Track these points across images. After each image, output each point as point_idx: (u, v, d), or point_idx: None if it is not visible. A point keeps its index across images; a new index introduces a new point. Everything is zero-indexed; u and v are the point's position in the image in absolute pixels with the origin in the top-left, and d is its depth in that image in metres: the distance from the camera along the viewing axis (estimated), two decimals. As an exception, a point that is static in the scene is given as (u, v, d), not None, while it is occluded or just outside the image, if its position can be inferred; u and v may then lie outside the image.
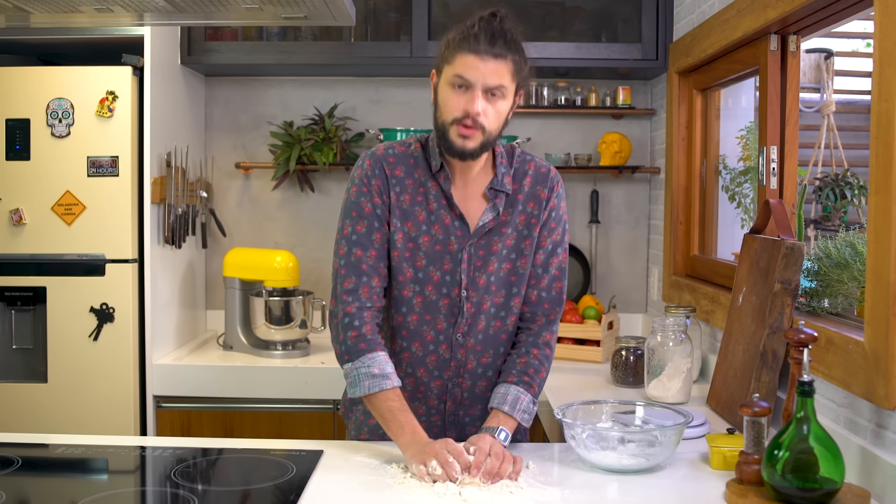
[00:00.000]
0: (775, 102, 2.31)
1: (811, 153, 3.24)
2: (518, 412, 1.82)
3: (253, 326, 3.14)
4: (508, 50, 1.74)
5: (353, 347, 1.79)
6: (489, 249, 1.86)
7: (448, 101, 1.76)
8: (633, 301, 3.49)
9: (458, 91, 1.74)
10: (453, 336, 1.88)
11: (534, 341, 1.90)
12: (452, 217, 1.85)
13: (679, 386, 2.35)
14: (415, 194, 1.85)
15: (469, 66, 1.72)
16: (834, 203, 2.92)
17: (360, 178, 1.85)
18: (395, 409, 1.75)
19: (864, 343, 1.63)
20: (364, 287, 1.81)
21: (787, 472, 1.48)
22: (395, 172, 1.85)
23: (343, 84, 3.45)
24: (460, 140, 1.76)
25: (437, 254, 1.85)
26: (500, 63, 1.73)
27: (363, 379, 1.76)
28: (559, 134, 3.45)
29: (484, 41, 1.72)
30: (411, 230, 1.84)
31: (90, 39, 2.89)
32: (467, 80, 1.72)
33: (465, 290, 1.85)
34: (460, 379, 1.91)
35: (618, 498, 1.62)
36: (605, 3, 3.18)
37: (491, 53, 1.72)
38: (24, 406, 2.87)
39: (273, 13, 1.94)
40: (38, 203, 2.85)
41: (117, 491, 1.64)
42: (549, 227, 1.91)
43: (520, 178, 1.90)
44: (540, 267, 1.91)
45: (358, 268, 1.82)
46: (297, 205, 3.49)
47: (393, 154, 1.87)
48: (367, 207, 1.83)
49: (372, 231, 1.83)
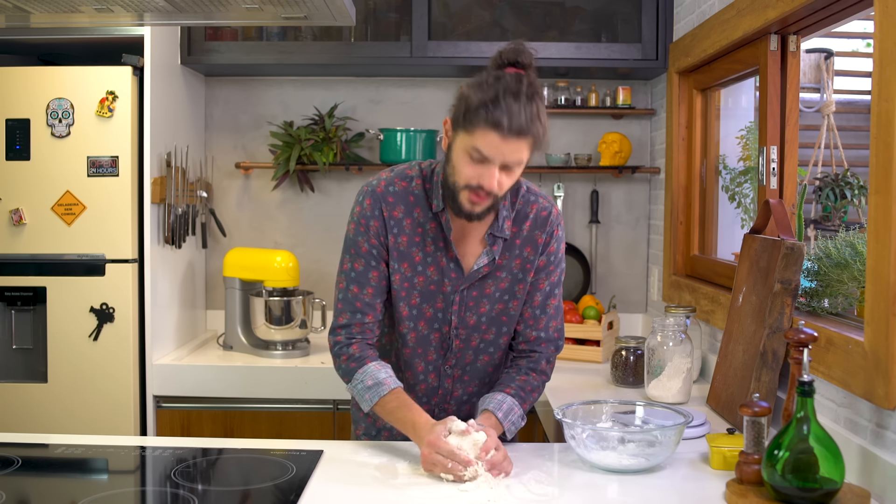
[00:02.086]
0: (775, 102, 2.31)
1: (811, 153, 3.24)
2: (507, 422, 1.83)
3: (253, 326, 3.14)
4: (531, 123, 1.67)
5: (347, 369, 1.85)
6: (482, 291, 1.88)
7: (463, 169, 1.72)
8: (633, 301, 3.49)
9: (475, 161, 1.70)
10: (442, 367, 1.93)
11: (534, 367, 1.94)
12: (448, 259, 1.85)
13: (679, 386, 2.34)
14: (412, 234, 1.85)
15: (490, 145, 1.66)
16: (834, 203, 2.92)
17: (359, 216, 1.85)
18: (394, 408, 1.78)
19: (864, 343, 1.63)
20: (357, 324, 1.86)
21: (787, 472, 1.48)
22: (394, 213, 1.84)
23: (343, 84, 3.45)
24: (469, 205, 1.74)
25: (431, 293, 1.87)
26: (522, 141, 1.67)
27: (363, 394, 1.81)
28: (559, 134, 3.45)
29: (507, 118, 1.64)
30: (407, 271, 1.86)
31: (90, 39, 2.89)
32: (486, 156, 1.68)
33: (455, 329, 1.90)
34: (446, 405, 1.97)
35: (618, 498, 1.62)
36: (605, 3, 3.18)
37: (514, 132, 1.65)
38: (24, 406, 2.87)
39: (273, 13, 1.94)
40: (38, 203, 2.85)
41: (117, 491, 1.64)
42: (547, 270, 1.91)
43: (520, 222, 1.88)
44: (538, 308, 1.93)
45: (353, 304, 1.86)
46: (297, 205, 3.49)
47: (392, 192, 1.84)
48: (364, 247, 1.85)
49: (368, 270, 1.85)
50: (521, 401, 1.87)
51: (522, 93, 1.66)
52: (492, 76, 1.69)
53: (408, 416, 1.76)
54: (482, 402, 1.87)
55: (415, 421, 1.74)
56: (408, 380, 1.94)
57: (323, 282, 3.46)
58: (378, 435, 2.01)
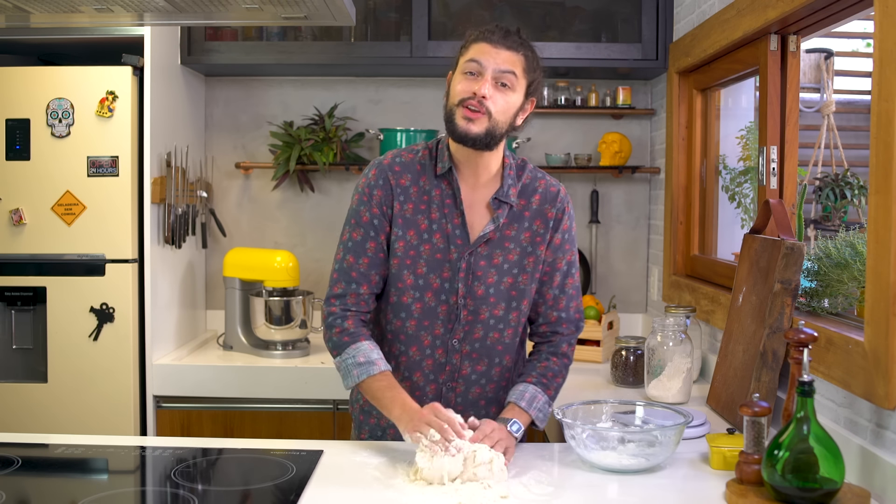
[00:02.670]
0: (775, 102, 2.31)
1: (811, 153, 3.24)
2: (533, 409, 1.85)
3: (253, 326, 3.14)
4: (522, 46, 1.81)
5: (339, 342, 1.85)
6: (490, 261, 1.88)
7: (457, 86, 1.82)
8: (633, 301, 3.49)
9: (469, 77, 1.80)
10: (449, 342, 1.91)
11: (554, 350, 1.96)
12: (454, 225, 1.87)
13: (679, 386, 2.35)
14: (418, 202, 1.88)
15: (482, 52, 1.79)
16: (834, 203, 2.92)
17: (364, 187, 1.90)
18: (384, 387, 1.79)
19: (864, 343, 1.63)
20: (352, 294, 1.87)
21: (787, 472, 1.48)
22: (401, 181, 1.88)
23: (343, 84, 3.45)
24: (464, 122, 1.79)
25: (437, 262, 1.87)
26: (513, 54, 1.80)
27: (351, 369, 1.82)
28: (559, 134, 3.45)
29: (499, 34, 1.80)
30: (413, 238, 1.87)
31: (90, 39, 2.89)
32: (479, 62, 1.79)
33: (463, 299, 1.88)
34: (454, 384, 1.94)
35: (618, 498, 1.62)
36: (605, 3, 3.18)
37: (504, 44, 1.80)
38: (24, 406, 2.87)
39: (273, 13, 1.94)
40: (38, 203, 2.85)
41: (117, 491, 1.64)
42: (563, 248, 1.94)
43: (528, 195, 1.92)
44: (557, 288, 1.95)
45: (348, 274, 1.88)
46: (297, 205, 3.49)
47: (399, 162, 1.90)
48: (365, 217, 1.88)
49: (367, 240, 1.87)
50: (543, 387, 1.89)
51: (514, 31, 1.83)
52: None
53: (397, 397, 1.77)
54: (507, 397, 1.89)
55: (403, 402, 1.75)
56: (412, 356, 1.92)
57: (323, 282, 3.46)
58: (384, 436, 1.99)
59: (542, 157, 3.35)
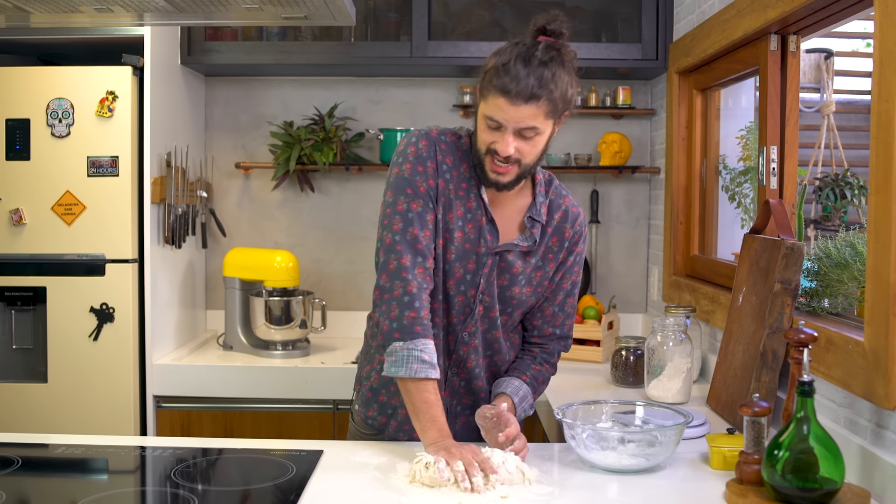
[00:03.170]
0: (775, 102, 2.31)
1: (811, 153, 3.24)
2: (520, 409, 1.87)
3: (253, 326, 3.14)
4: (543, 89, 1.66)
5: (409, 328, 1.72)
6: (511, 270, 1.87)
7: (482, 134, 1.75)
8: (633, 301, 3.49)
9: (491, 128, 1.72)
10: (460, 333, 1.89)
11: (547, 359, 1.98)
12: (487, 220, 1.84)
13: (679, 386, 2.34)
14: (458, 188, 1.82)
15: (499, 109, 1.68)
16: (834, 203, 2.92)
17: (416, 155, 1.80)
18: (432, 402, 1.71)
19: (864, 343, 1.63)
20: (419, 267, 1.76)
21: (787, 472, 1.48)
22: (447, 160, 1.82)
23: (343, 84, 3.45)
24: (494, 174, 1.76)
25: (466, 252, 1.84)
26: (532, 106, 1.67)
27: (412, 361, 1.70)
28: (559, 134, 3.42)
29: (516, 80, 1.65)
30: (450, 221, 1.82)
31: (90, 39, 2.90)
32: (498, 122, 1.70)
33: (481, 294, 1.86)
34: (459, 370, 1.93)
35: (618, 498, 1.62)
36: (605, 3, 3.18)
37: (523, 97, 1.66)
38: (24, 406, 2.87)
39: (273, 13, 1.93)
40: (38, 203, 2.85)
41: (117, 491, 1.64)
42: (572, 270, 1.94)
43: (552, 211, 1.90)
44: (558, 306, 1.96)
45: (414, 246, 1.76)
46: (297, 205, 3.49)
47: (445, 141, 1.83)
48: (423, 187, 1.79)
49: (427, 211, 1.78)
50: (533, 390, 1.92)
51: (535, 57, 1.66)
52: (511, 42, 1.71)
53: (440, 418, 1.70)
54: (497, 385, 1.90)
55: (443, 427, 1.69)
56: None
57: (323, 282, 3.46)
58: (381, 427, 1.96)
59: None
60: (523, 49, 1.69)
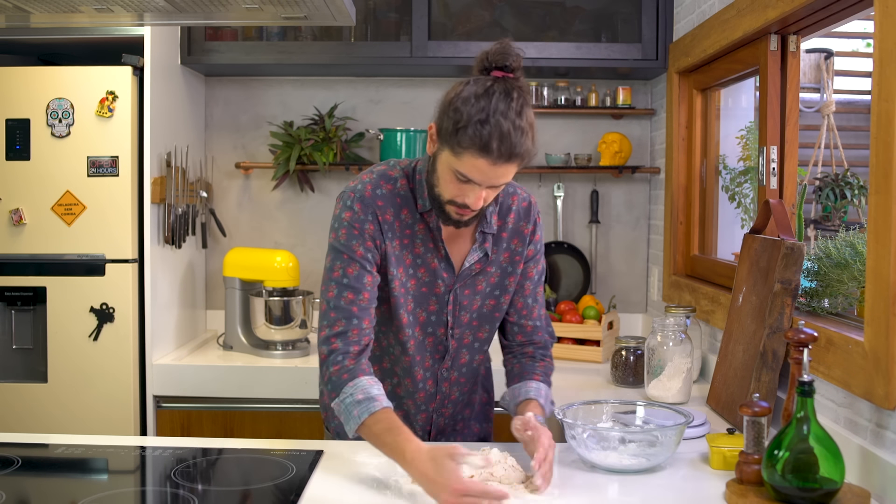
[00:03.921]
0: (775, 102, 2.31)
1: (811, 153, 3.24)
2: (548, 409, 1.87)
3: (253, 326, 3.14)
4: (520, 145, 1.60)
5: (337, 381, 1.70)
6: (474, 289, 1.87)
7: (448, 185, 1.68)
8: (633, 301, 3.49)
9: (460, 181, 1.65)
10: (438, 371, 1.91)
11: (544, 353, 1.97)
12: (439, 259, 1.82)
13: (679, 386, 2.35)
14: (402, 237, 1.80)
15: (477, 170, 1.61)
16: (834, 203, 2.92)
17: (351, 221, 1.76)
18: (383, 431, 1.63)
19: (864, 343, 1.63)
20: (354, 329, 1.73)
21: (787, 472, 1.48)
22: (386, 216, 1.78)
23: (343, 84, 3.45)
24: (457, 216, 1.73)
25: (423, 296, 1.84)
26: (512, 164, 1.62)
27: (351, 409, 1.66)
28: (559, 134, 3.45)
29: (497, 143, 1.57)
30: (402, 275, 1.81)
31: (90, 39, 2.89)
32: (473, 180, 1.64)
33: (451, 329, 1.88)
34: (443, 409, 1.96)
35: (618, 498, 1.62)
36: (605, 3, 3.18)
37: (504, 157, 1.59)
38: (24, 406, 2.87)
39: (273, 13, 1.93)
40: (38, 203, 2.85)
41: (117, 491, 1.64)
42: (535, 259, 1.92)
43: (504, 215, 1.87)
44: (530, 297, 1.94)
45: (348, 311, 1.74)
46: (297, 205, 3.49)
47: (381, 195, 1.78)
48: (360, 251, 1.76)
49: (363, 275, 1.75)
50: (548, 385, 1.91)
51: (512, 109, 1.58)
52: (482, 89, 1.60)
53: (398, 442, 1.60)
54: (515, 394, 1.87)
55: (405, 448, 1.58)
56: (407, 387, 1.91)
57: (323, 282, 3.46)
58: None
59: (541, 157, 3.35)
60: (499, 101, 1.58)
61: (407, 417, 1.93)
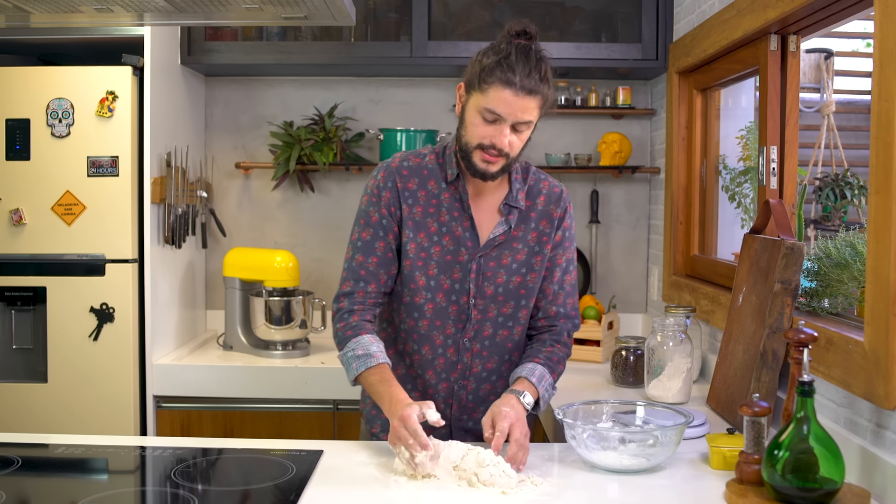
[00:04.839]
0: (775, 102, 2.31)
1: (811, 153, 3.24)
2: (541, 387, 1.88)
3: (253, 326, 3.14)
4: (542, 83, 1.77)
5: (343, 337, 1.88)
6: (499, 262, 1.92)
7: (476, 128, 1.81)
8: (633, 301, 3.49)
9: (487, 122, 1.79)
10: (461, 340, 1.94)
11: (557, 339, 2.00)
12: (464, 228, 1.90)
13: (679, 386, 2.35)
14: (427, 206, 1.91)
15: (502, 102, 1.75)
16: (834, 203, 2.92)
17: (372, 188, 1.93)
18: (377, 381, 1.80)
19: (864, 343, 1.63)
20: (360, 291, 1.90)
21: (787, 472, 1.48)
22: (409, 185, 1.91)
23: (343, 84, 3.45)
24: (483, 164, 1.83)
25: (448, 263, 1.91)
26: (533, 99, 1.77)
27: (351, 362, 1.84)
28: (559, 134, 3.45)
29: (521, 74, 1.75)
30: (424, 241, 1.90)
31: (90, 39, 2.89)
32: (499, 115, 1.77)
33: (473, 299, 1.92)
34: (465, 381, 1.97)
35: (618, 498, 1.62)
36: (605, 3, 3.18)
37: (526, 89, 1.75)
38: (24, 406, 2.87)
39: (273, 13, 1.94)
40: (38, 203, 2.85)
41: (117, 491, 1.64)
42: (563, 246, 1.99)
43: (534, 196, 1.96)
44: (556, 284, 1.99)
45: (357, 272, 1.91)
46: (297, 205, 3.49)
47: (407, 166, 1.93)
48: (374, 217, 1.91)
49: (376, 239, 1.91)
50: (549, 370, 1.92)
51: (532, 55, 1.77)
52: (503, 41, 1.79)
53: (386, 391, 1.77)
54: (512, 375, 1.91)
55: (392, 396, 1.76)
56: (425, 355, 1.95)
57: (323, 282, 3.46)
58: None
59: (542, 157, 3.35)
60: (520, 46, 1.78)
61: (426, 390, 1.96)
